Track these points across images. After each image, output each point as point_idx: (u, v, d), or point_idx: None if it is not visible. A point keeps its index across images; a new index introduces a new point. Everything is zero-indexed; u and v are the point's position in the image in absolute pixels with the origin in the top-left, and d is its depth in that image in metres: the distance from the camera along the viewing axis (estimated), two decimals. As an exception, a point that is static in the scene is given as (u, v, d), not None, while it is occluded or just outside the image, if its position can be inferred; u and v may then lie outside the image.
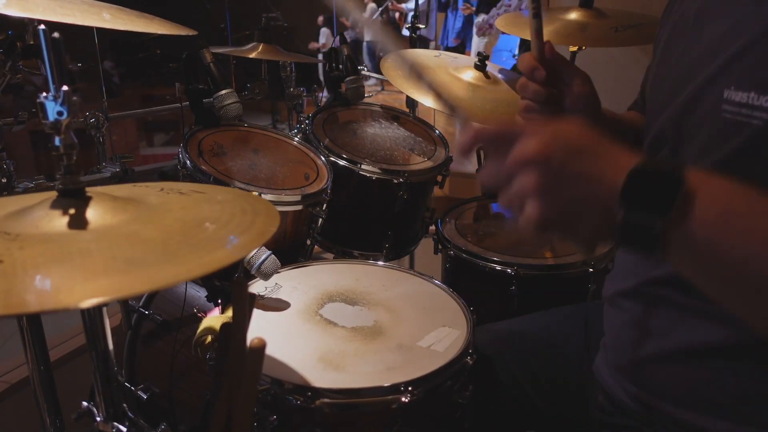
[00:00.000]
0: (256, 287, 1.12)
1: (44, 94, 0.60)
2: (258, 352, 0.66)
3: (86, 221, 0.61)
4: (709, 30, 0.72)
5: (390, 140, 1.66)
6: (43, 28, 0.58)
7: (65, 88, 0.59)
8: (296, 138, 1.52)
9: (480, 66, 1.63)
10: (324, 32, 8.18)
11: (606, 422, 0.89)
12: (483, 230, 1.54)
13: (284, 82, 1.95)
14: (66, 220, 0.60)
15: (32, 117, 1.24)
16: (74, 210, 0.61)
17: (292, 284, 1.14)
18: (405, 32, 2.67)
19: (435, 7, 7.61)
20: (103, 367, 0.78)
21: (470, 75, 1.63)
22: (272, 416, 0.87)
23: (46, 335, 0.90)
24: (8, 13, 0.85)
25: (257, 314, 1.03)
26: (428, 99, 1.50)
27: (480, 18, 6.57)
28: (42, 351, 0.88)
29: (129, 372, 1.29)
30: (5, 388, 1.59)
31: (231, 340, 0.65)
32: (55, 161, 0.62)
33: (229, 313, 0.86)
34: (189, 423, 1.18)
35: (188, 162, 1.25)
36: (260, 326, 1.00)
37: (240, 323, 0.66)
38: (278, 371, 0.88)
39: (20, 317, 0.85)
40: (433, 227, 1.58)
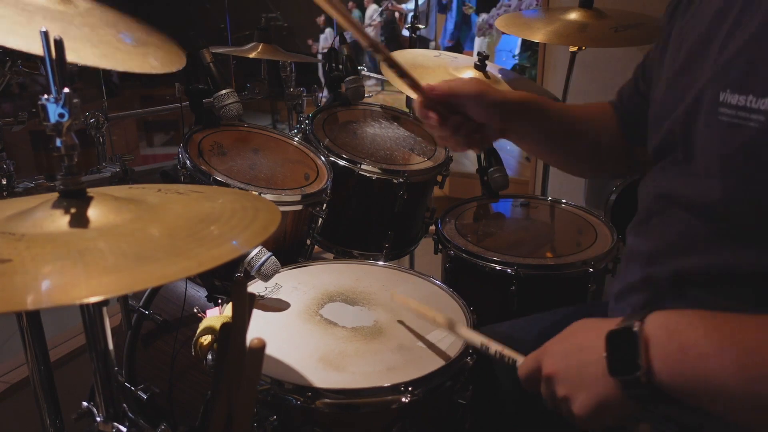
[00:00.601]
0: (256, 287, 1.12)
1: (46, 97, 0.60)
2: (258, 352, 0.66)
3: (90, 220, 0.61)
4: (713, 32, 0.72)
5: (390, 140, 1.66)
6: (44, 30, 0.58)
7: (67, 91, 0.59)
8: (296, 138, 1.52)
9: (480, 66, 1.63)
10: (327, 33, 8.17)
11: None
12: (483, 230, 1.54)
13: (284, 82, 1.94)
14: (69, 220, 0.60)
15: (32, 117, 1.24)
16: (77, 210, 0.61)
17: (292, 284, 1.14)
18: (405, 32, 2.68)
19: (435, 8, 7.61)
20: (103, 367, 0.78)
21: (470, 75, 1.63)
22: (272, 416, 0.87)
23: (46, 335, 0.89)
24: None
25: (257, 314, 1.03)
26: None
27: (480, 18, 6.58)
28: (42, 351, 0.87)
29: (129, 372, 1.29)
30: (5, 388, 1.59)
31: (231, 340, 0.66)
32: (56, 162, 0.63)
33: (229, 313, 0.86)
34: (189, 423, 1.18)
35: (188, 162, 1.25)
36: (260, 326, 1.00)
37: (240, 323, 0.66)
38: (278, 371, 0.88)
39: (21, 316, 0.85)
40: (433, 227, 1.58)
